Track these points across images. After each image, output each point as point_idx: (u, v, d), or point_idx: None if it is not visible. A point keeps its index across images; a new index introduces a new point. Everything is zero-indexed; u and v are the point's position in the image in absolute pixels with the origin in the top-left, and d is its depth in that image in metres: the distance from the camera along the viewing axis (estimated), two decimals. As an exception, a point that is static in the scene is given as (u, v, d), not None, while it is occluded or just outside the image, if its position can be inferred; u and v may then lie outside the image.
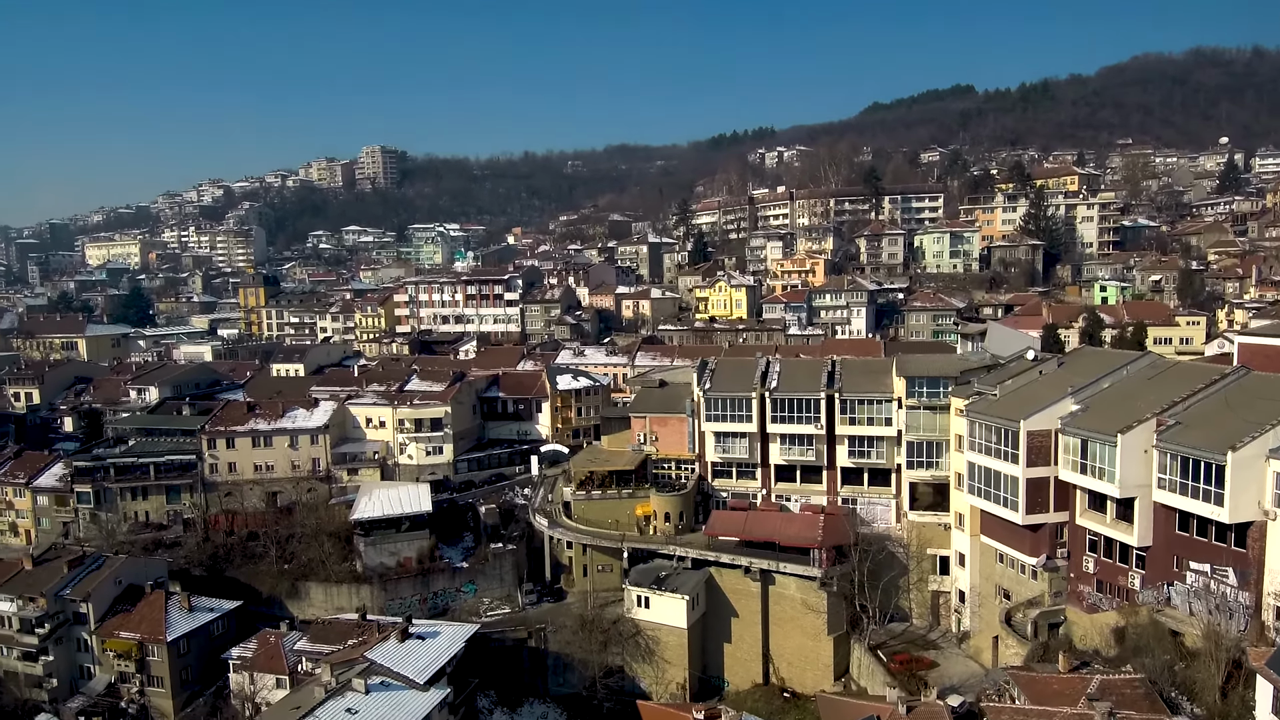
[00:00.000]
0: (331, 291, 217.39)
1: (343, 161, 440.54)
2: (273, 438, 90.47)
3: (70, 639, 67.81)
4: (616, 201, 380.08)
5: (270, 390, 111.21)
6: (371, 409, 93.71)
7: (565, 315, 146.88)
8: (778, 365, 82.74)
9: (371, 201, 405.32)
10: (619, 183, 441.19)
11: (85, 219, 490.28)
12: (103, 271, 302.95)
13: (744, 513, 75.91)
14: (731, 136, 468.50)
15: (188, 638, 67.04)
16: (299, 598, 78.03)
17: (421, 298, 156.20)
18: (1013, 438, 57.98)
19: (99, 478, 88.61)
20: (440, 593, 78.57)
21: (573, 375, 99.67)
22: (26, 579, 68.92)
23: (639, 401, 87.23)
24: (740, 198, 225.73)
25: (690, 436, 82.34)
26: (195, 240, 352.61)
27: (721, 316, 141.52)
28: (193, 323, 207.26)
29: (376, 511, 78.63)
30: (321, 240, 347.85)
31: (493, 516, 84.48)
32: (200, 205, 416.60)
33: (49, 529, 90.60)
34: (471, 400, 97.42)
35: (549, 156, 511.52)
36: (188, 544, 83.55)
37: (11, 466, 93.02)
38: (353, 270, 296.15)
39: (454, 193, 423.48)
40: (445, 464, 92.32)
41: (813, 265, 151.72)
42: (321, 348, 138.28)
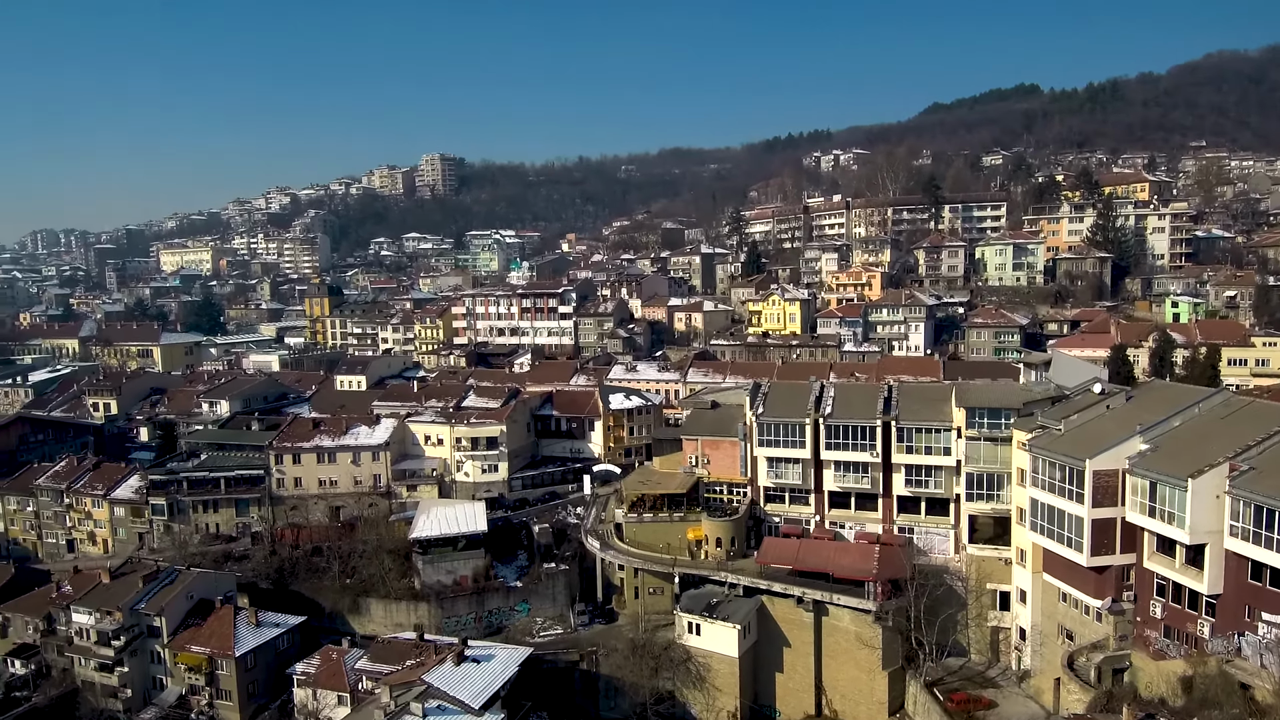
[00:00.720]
0: (392, 300, 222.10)
1: (403, 169, 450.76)
2: (336, 454, 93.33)
3: (144, 651, 71.08)
4: (669, 207, 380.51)
5: (334, 404, 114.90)
6: (430, 427, 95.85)
7: (618, 328, 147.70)
8: (832, 390, 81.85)
9: (431, 208, 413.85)
10: (672, 187, 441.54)
11: (160, 224, 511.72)
12: (176, 278, 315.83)
13: (797, 541, 75.36)
14: (786, 139, 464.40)
15: (255, 652, 69.62)
16: (360, 613, 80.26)
17: (478, 310, 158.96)
18: (1078, 476, 56.36)
19: (173, 490, 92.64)
20: (495, 611, 79.90)
21: (625, 394, 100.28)
22: (104, 592, 72.48)
23: (691, 423, 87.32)
24: (795, 206, 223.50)
25: (742, 460, 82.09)
26: (264, 247, 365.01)
27: (774, 331, 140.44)
28: (261, 330, 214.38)
29: (434, 531, 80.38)
30: (383, 247, 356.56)
31: (546, 536, 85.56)
32: (268, 213, 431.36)
33: (125, 539, 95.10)
34: (526, 418, 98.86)
35: (603, 161, 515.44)
36: (255, 557, 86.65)
37: (91, 478, 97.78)
38: (412, 277, 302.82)
39: (510, 199, 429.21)
40: (500, 481, 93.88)
41: (869, 278, 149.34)
42: (382, 359, 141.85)
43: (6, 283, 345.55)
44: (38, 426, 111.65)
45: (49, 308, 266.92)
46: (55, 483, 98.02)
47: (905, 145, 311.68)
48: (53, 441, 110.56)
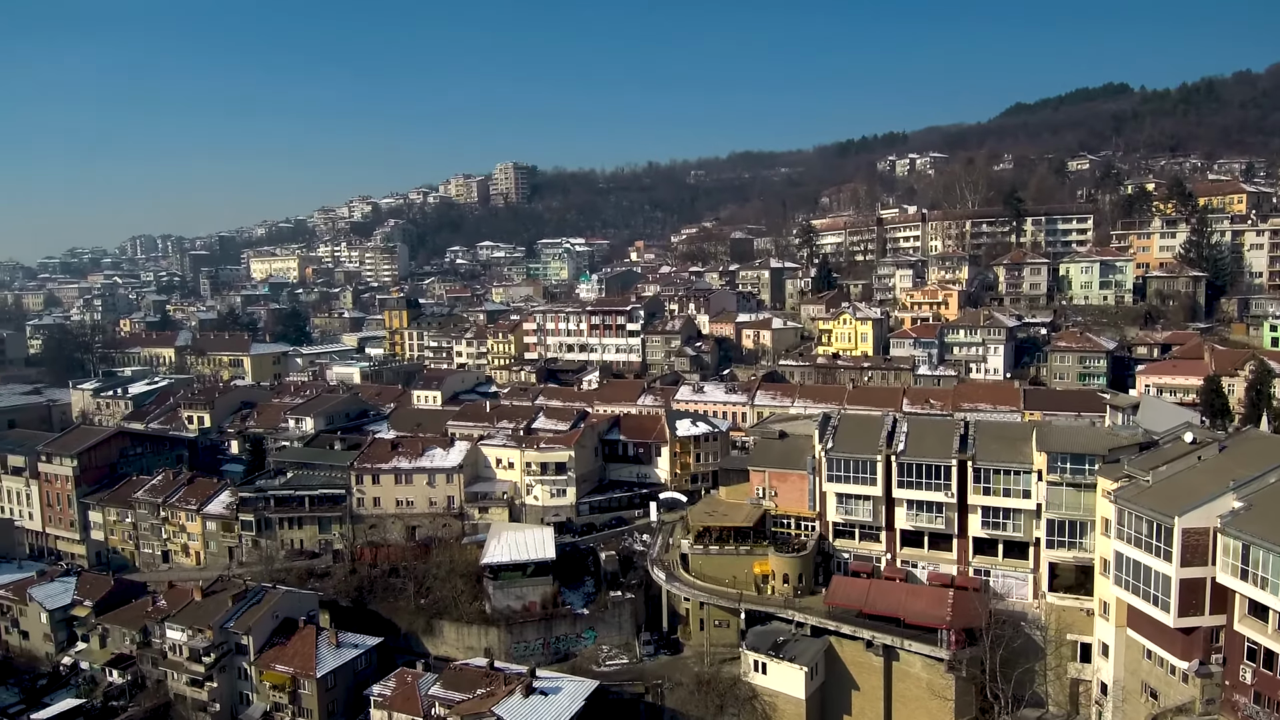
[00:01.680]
0: (466, 311, 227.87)
1: (478, 178, 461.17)
2: (413, 475, 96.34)
3: (232, 668, 74.91)
4: (738, 213, 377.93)
5: (411, 423, 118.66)
6: (501, 450, 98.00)
7: (685, 346, 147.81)
8: (905, 425, 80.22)
9: (504, 216, 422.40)
10: (741, 192, 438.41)
11: (250, 231, 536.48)
12: (265, 285, 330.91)
13: (867, 581, 74.18)
14: (860, 142, 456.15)
15: (335, 673, 72.59)
16: (433, 635, 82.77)
17: (549, 326, 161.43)
18: (1166, 533, 53.92)
19: (260, 507, 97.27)
20: (562, 638, 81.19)
21: (691, 420, 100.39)
22: (196, 610, 76.67)
23: (758, 454, 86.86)
24: (868, 217, 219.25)
25: (811, 494, 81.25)
26: (346, 255, 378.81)
27: (845, 351, 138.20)
28: (343, 340, 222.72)
29: (504, 557, 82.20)
30: (458, 256, 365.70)
31: (612, 563, 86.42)
32: (351, 221, 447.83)
33: (216, 551, 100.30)
34: (594, 443, 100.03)
35: (672, 167, 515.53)
36: (336, 574, 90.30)
37: (185, 492, 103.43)
38: (485, 286, 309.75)
39: (580, 206, 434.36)
40: (568, 506, 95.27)
41: (945, 296, 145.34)
42: (456, 375, 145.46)
43: (109, 289, 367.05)
44: (136, 440, 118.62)
45: (147, 314, 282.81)
46: (152, 496, 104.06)
47: (985, 150, 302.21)
48: (150, 454, 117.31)
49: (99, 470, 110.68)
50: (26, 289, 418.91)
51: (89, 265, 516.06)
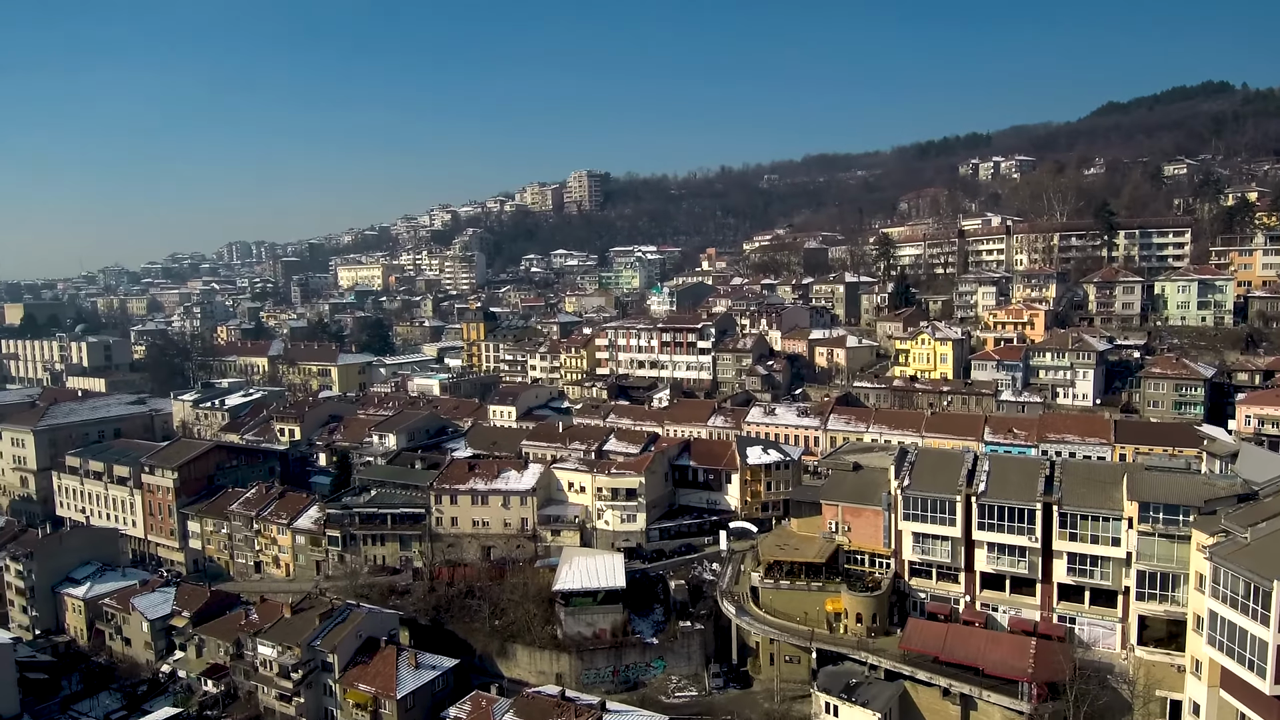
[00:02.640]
0: (541, 323, 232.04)
1: (552, 186, 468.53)
2: (488, 497, 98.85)
3: (318, 684, 78.32)
4: (812, 219, 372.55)
5: (487, 441, 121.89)
6: (573, 474, 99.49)
7: (757, 365, 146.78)
8: (987, 463, 78.06)
9: (577, 224, 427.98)
10: (816, 197, 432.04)
11: (337, 239, 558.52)
12: (351, 293, 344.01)
13: (944, 626, 72.41)
14: (941, 143, 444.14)
15: (414, 694, 75.05)
16: (507, 657, 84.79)
17: (620, 342, 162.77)
18: (1264, 597, 50.97)
19: (346, 524, 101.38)
20: (632, 666, 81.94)
21: (762, 447, 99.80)
22: (286, 626, 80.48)
23: (831, 487, 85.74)
24: (949, 227, 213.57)
25: (886, 531, 79.92)
26: (427, 263, 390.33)
27: (923, 372, 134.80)
28: (424, 350, 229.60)
29: (575, 584, 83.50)
30: (533, 264, 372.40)
31: (682, 593, 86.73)
32: (432, 230, 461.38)
33: (304, 564, 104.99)
34: (664, 468, 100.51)
35: (745, 171, 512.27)
36: (416, 592, 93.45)
37: (277, 506, 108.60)
38: (559, 294, 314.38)
39: (652, 213, 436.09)
40: (638, 531, 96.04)
41: (1031, 316, 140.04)
42: (530, 391, 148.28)
43: (207, 295, 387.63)
44: (232, 453, 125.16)
45: (243, 321, 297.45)
46: (246, 509, 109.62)
47: (1075, 154, 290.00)
48: (245, 466, 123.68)
49: (198, 482, 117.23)
50: (131, 293, 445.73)
51: (189, 271, 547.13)
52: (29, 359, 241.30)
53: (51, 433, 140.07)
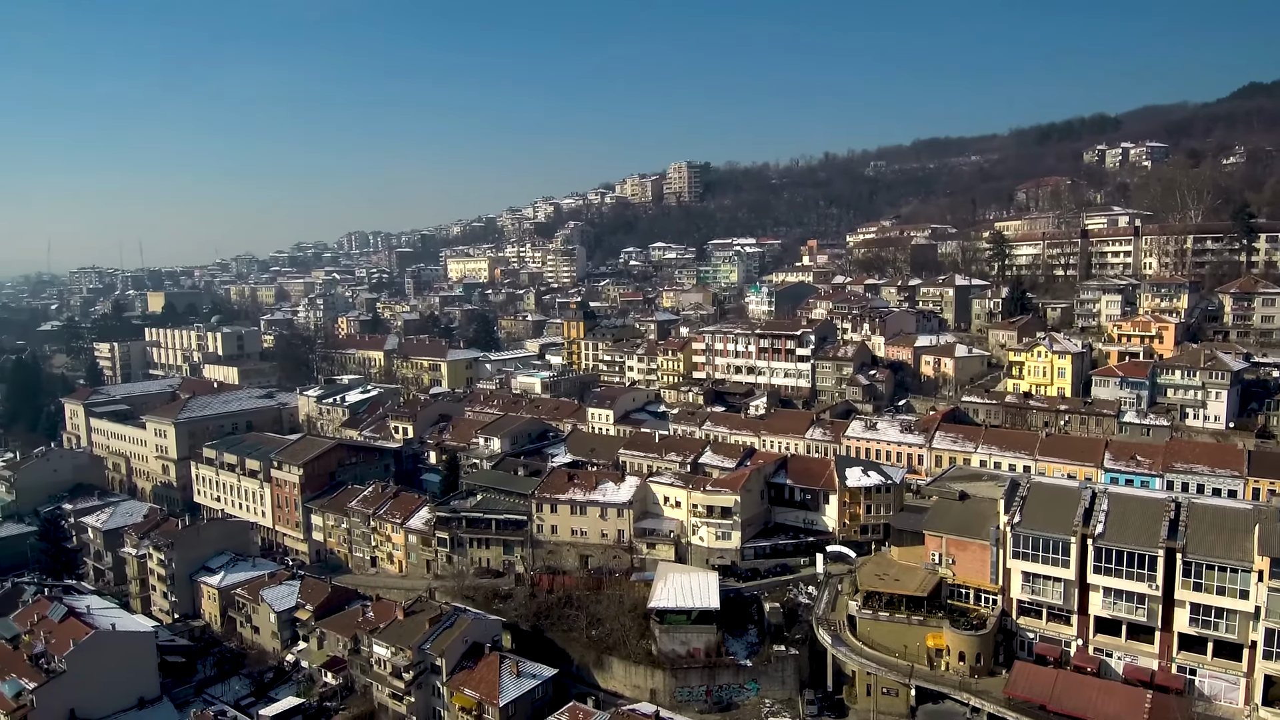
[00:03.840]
0: (638, 320, 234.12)
1: (652, 177, 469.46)
2: (587, 508, 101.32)
3: (428, 686, 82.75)
4: (921, 210, 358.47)
5: (585, 447, 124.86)
6: (669, 489, 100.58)
7: (858, 374, 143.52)
8: (1105, 502, 74.09)
9: (676, 216, 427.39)
10: (925, 185, 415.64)
11: (447, 229, 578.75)
12: (459, 286, 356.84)
13: (1053, 672, 69.54)
14: (1063, 126, 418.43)
15: (515, 702, 78.26)
16: (603, 669, 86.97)
17: (717, 346, 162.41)
18: None
19: (454, 527, 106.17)
20: (725, 686, 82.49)
21: (863, 469, 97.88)
22: (398, 628, 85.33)
23: (935, 517, 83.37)
24: (1071, 225, 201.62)
25: (993, 566, 77.27)
26: (530, 256, 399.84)
27: (1038, 387, 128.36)
28: (526, 345, 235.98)
29: (670, 602, 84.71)
30: (631, 257, 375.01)
31: (777, 616, 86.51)
32: (535, 222, 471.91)
33: (416, 562, 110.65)
34: (760, 486, 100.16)
35: (849, 158, 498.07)
36: (518, 597, 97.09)
37: (391, 506, 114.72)
38: (656, 289, 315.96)
39: (751, 204, 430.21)
40: (733, 549, 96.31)
41: (1159, 329, 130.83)
42: (628, 394, 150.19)
43: (328, 285, 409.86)
44: (352, 450, 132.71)
45: (360, 313, 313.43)
46: (364, 507, 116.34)
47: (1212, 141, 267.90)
48: (363, 464, 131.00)
49: (321, 478, 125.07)
50: (260, 282, 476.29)
51: (312, 260, 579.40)
52: (170, 347, 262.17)
53: (190, 425, 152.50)
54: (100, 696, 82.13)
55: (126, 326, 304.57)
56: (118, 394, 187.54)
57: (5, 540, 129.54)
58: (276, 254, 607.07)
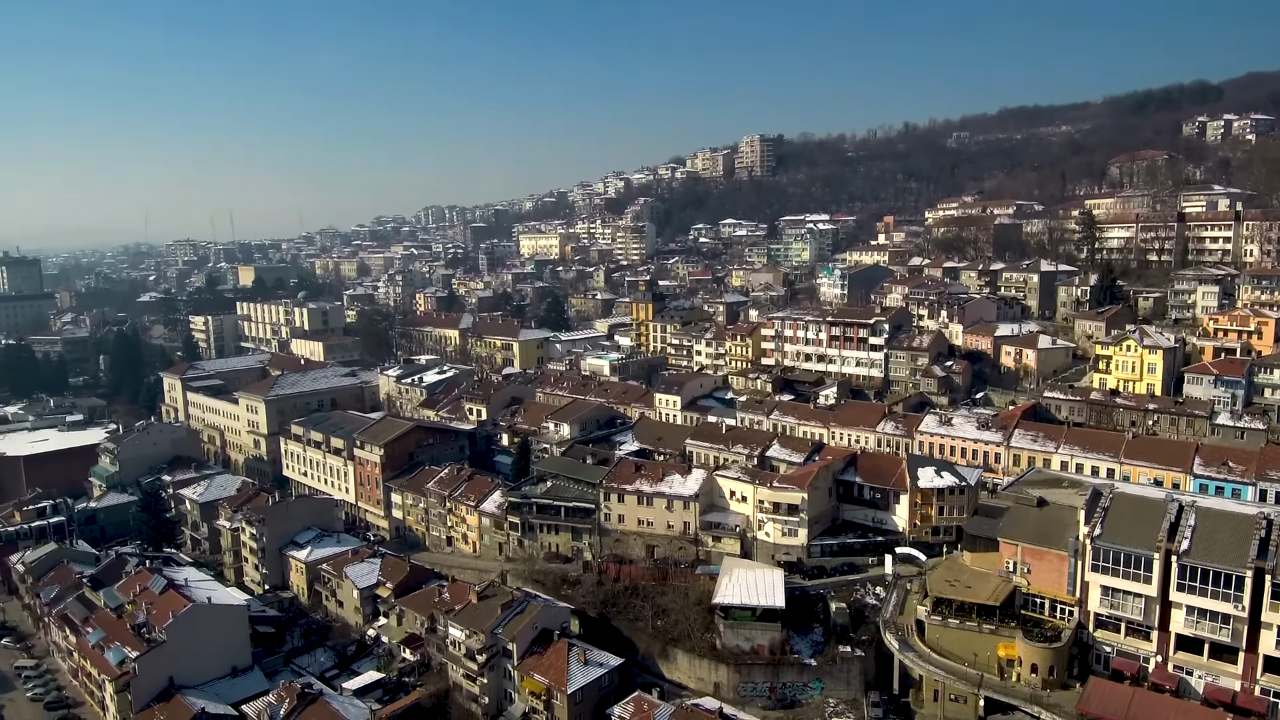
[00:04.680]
0: (707, 299, 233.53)
1: (723, 151, 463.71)
2: (653, 499, 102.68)
3: (499, 668, 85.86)
4: (1006, 184, 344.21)
5: (653, 435, 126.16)
6: (735, 484, 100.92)
7: (934, 364, 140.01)
8: (1192, 517, 71.04)
9: (747, 191, 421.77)
10: (1011, 156, 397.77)
11: (520, 204, 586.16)
12: (531, 263, 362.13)
13: (1129, 690, 67.70)
14: (1161, 94, 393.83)
15: (582, 689, 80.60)
16: (668, 660, 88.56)
17: (787, 333, 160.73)
18: None
19: (525, 512, 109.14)
20: (789, 684, 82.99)
21: (936, 470, 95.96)
22: (472, 612, 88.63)
23: (1011, 524, 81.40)
24: (1167, 206, 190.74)
25: (1071, 578, 75.17)
26: (600, 232, 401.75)
27: (1125, 383, 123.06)
28: (595, 325, 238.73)
29: (735, 599, 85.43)
30: (701, 234, 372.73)
31: (843, 616, 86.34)
32: (605, 197, 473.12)
33: (489, 544, 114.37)
34: (828, 483, 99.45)
35: (930, 128, 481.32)
36: (585, 584, 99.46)
37: (466, 488, 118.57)
38: (725, 267, 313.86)
39: (826, 178, 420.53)
40: (799, 546, 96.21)
41: (1259, 324, 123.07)
42: (695, 380, 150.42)
43: (406, 260, 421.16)
44: (429, 432, 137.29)
45: (437, 290, 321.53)
46: (440, 488, 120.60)
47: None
48: (439, 445, 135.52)
49: (400, 458, 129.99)
50: (343, 256, 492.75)
51: (391, 234, 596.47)
52: (259, 320, 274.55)
53: (280, 402, 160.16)
54: (197, 665, 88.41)
55: (219, 300, 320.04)
56: (212, 369, 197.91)
57: (110, 509, 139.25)
58: (358, 227, 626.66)
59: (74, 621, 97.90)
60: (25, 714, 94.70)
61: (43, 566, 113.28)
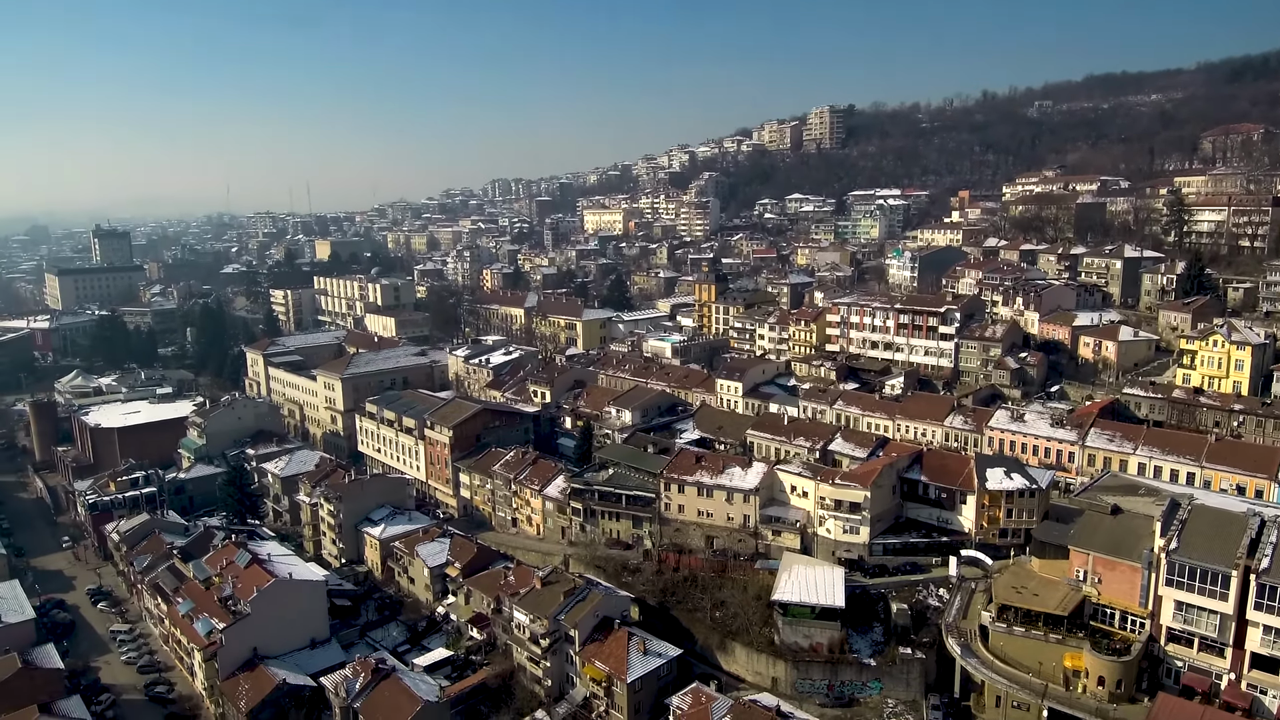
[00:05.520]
0: (771, 279, 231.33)
1: (791, 123, 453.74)
2: (713, 491, 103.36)
3: (561, 653, 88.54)
4: (1090, 158, 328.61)
5: (713, 423, 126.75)
6: (796, 479, 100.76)
7: (1007, 356, 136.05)
8: (1274, 534, 68.28)
9: (815, 164, 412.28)
10: (1096, 128, 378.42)
11: (584, 177, 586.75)
12: (594, 239, 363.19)
13: (1200, 707, 66.01)
14: (1259, 62, 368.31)
15: (642, 678, 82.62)
16: (726, 652, 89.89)
17: (853, 319, 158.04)
18: None
19: (587, 499, 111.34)
20: (847, 682, 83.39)
21: (1005, 471, 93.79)
22: (536, 597, 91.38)
23: (1083, 532, 79.52)
24: (1263, 187, 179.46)
25: (1143, 590, 73.32)
26: (664, 208, 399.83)
27: (1211, 379, 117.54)
28: (658, 305, 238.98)
29: (794, 596, 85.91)
30: (766, 209, 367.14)
31: (904, 617, 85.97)
32: (669, 171, 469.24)
33: (552, 528, 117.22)
34: (892, 481, 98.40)
35: (1010, 97, 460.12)
36: (645, 572, 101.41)
37: (531, 472, 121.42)
38: (791, 244, 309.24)
39: (898, 151, 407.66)
40: (861, 544, 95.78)
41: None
42: (757, 366, 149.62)
43: (474, 235, 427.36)
44: (495, 414, 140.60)
45: (503, 266, 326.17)
46: (506, 471, 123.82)
47: None
48: (504, 427, 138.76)
49: (468, 440, 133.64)
50: (413, 229, 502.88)
51: (459, 207, 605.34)
52: (335, 295, 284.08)
53: (355, 380, 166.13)
54: (278, 637, 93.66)
55: (297, 274, 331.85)
56: (291, 344, 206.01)
57: (198, 481, 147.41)
58: (428, 200, 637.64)
59: (165, 591, 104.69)
60: (120, 676, 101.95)
61: (136, 536, 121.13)
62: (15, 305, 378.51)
